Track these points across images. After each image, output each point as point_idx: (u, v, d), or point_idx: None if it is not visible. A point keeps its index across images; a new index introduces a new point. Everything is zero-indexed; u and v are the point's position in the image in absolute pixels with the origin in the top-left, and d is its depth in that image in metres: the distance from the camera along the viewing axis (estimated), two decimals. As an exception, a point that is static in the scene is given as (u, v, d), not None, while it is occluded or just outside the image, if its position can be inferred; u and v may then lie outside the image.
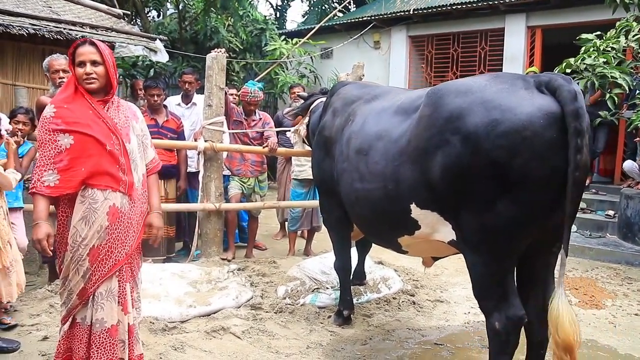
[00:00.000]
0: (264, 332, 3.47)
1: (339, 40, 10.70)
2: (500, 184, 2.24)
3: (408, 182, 2.62)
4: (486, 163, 2.24)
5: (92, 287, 2.47)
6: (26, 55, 6.10)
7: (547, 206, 2.27)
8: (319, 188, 3.94)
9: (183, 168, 5.15)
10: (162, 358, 3.05)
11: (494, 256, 2.40)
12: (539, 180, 2.20)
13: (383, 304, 4.06)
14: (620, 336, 3.73)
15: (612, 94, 5.49)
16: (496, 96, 2.29)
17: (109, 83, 2.56)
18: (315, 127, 4.05)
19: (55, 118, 2.44)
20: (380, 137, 2.88)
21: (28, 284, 3.70)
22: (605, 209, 7.03)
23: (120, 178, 2.51)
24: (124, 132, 2.57)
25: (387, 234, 3.06)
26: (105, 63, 2.51)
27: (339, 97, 3.70)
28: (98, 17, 6.96)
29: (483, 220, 2.33)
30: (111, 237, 2.50)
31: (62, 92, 2.59)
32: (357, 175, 3.02)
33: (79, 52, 2.50)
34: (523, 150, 2.18)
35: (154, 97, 4.87)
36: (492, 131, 2.22)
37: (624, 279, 5.16)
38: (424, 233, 2.73)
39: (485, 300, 2.48)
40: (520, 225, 2.30)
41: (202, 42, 9.98)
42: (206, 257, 4.92)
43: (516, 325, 2.39)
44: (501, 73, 2.59)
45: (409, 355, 3.30)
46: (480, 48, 9.39)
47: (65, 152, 2.42)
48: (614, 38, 5.51)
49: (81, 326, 2.50)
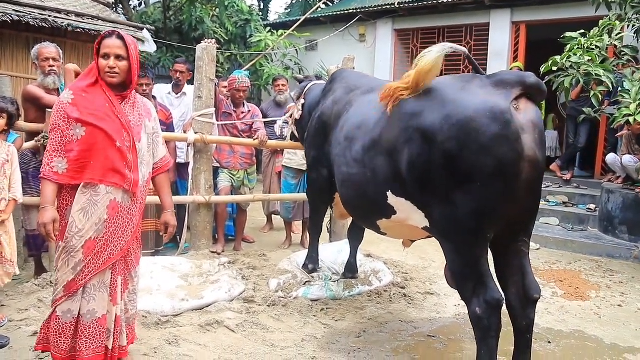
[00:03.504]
0: (258, 326, 3.47)
1: (324, 33, 10.65)
2: (455, 175, 2.41)
3: (383, 172, 2.82)
4: (441, 155, 2.43)
5: (82, 280, 2.46)
6: (9, 42, 5.95)
7: (501, 196, 2.39)
8: (310, 164, 4.12)
9: (171, 160, 5.08)
10: (157, 352, 3.03)
11: (463, 244, 2.53)
12: (487, 171, 2.33)
13: (375, 296, 4.09)
14: (605, 327, 3.83)
15: (596, 92, 5.59)
16: (451, 94, 2.50)
17: (129, 78, 2.54)
18: (311, 108, 4.23)
19: (72, 105, 2.44)
20: (360, 127, 3.13)
21: (14, 278, 3.63)
22: (587, 202, 7.19)
23: (126, 175, 2.50)
24: (136, 131, 2.56)
25: (368, 216, 3.28)
26: (130, 58, 2.51)
27: (340, 85, 3.85)
28: (83, 4, 6.81)
29: (446, 210, 2.50)
30: (108, 231, 2.49)
31: (82, 79, 2.58)
32: (344, 161, 3.25)
33: (105, 43, 2.49)
34: (470, 143, 2.34)
35: (143, 87, 4.78)
36: (444, 125, 2.43)
37: (606, 271, 5.30)
38: (400, 218, 2.92)
39: (463, 287, 2.59)
40: (480, 215, 2.42)
41: (187, 33, 9.83)
42: (196, 250, 4.89)
43: (495, 307, 2.48)
44: (463, 74, 2.78)
45: (403, 347, 3.34)
46: (465, 43, 9.44)
47: (76, 143, 2.42)
48: (598, 36, 5.61)
49: (61, 320, 2.47)
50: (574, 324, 3.85)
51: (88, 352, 2.50)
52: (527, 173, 2.37)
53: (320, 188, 4.00)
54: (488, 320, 2.47)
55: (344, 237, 4.88)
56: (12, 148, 3.37)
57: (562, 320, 3.93)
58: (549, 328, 3.76)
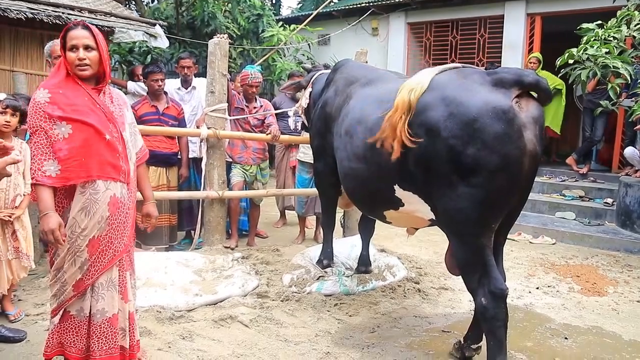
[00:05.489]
0: (271, 321, 3.47)
1: (337, 27, 10.59)
2: (459, 170, 2.47)
3: (389, 167, 2.83)
4: (445, 151, 2.49)
5: (89, 279, 2.43)
6: (24, 40, 6.00)
7: (506, 189, 2.48)
8: (316, 155, 4.14)
9: (184, 155, 5.11)
10: (171, 347, 3.04)
11: (468, 236, 2.59)
12: (492, 167, 2.41)
13: (389, 291, 4.07)
14: (624, 323, 3.77)
15: (614, 84, 5.49)
16: (454, 92, 2.54)
17: (102, 70, 2.45)
18: (317, 98, 4.25)
19: (51, 104, 2.32)
20: (360, 121, 3.15)
21: (30, 273, 3.67)
22: (604, 197, 7.07)
23: (120, 167, 2.46)
24: (120, 121, 2.51)
25: (375, 207, 3.35)
26: (99, 48, 2.40)
27: (342, 75, 3.89)
28: (97, 1, 6.84)
29: (450, 203, 2.55)
30: (111, 228, 2.45)
31: (52, 76, 2.46)
32: (345, 155, 3.29)
33: (71, 35, 2.37)
34: (476, 140, 2.41)
35: (158, 82, 4.80)
36: (449, 123, 2.48)
37: (623, 266, 5.21)
38: (408, 209, 2.99)
39: (469, 279, 2.63)
40: (486, 207, 2.49)
41: (199, 28, 9.83)
42: (209, 245, 4.90)
43: (500, 298, 2.52)
44: (464, 68, 2.77)
45: (417, 342, 3.32)
46: (479, 35, 9.33)
47: (63, 142, 2.31)
48: (615, 27, 5.49)
49: (76, 318, 2.46)
50: (592, 320, 3.80)
51: (101, 352, 2.46)
52: (527, 166, 2.47)
53: (327, 178, 4.00)
54: (493, 310, 2.52)
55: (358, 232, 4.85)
56: (25, 145, 3.39)
57: (579, 316, 3.88)
58: (565, 324, 3.71)
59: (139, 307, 3.23)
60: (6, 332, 3.10)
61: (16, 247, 3.32)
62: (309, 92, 4.47)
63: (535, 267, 5.07)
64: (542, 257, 5.47)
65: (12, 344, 3.04)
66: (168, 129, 4.82)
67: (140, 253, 4.06)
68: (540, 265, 5.16)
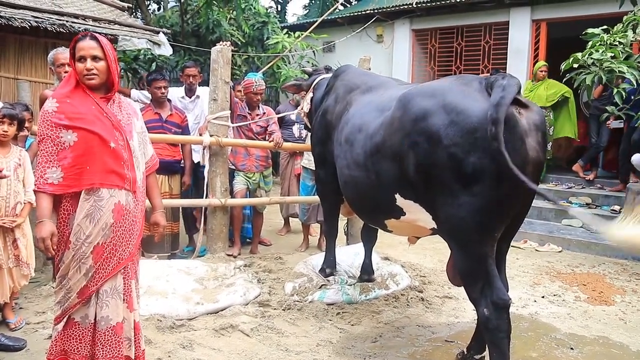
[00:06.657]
0: (272, 330, 3.44)
1: (342, 34, 10.60)
2: (461, 179, 2.43)
3: (389, 176, 2.84)
4: (447, 159, 2.44)
5: (94, 286, 2.43)
6: (29, 48, 6.04)
7: (508, 197, 2.43)
8: (317, 162, 4.14)
9: (187, 163, 5.10)
10: (171, 356, 3.02)
11: (470, 245, 2.54)
12: (491, 175, 2.37)
13: (392, 300, 4.03)
14: (631, 333, 3.70)
15: (620, 89, 5.44)
16: (454, 99, 2.49)
17: (110, 79, 2.50)
18: (318, 104, 4.23)
19: (58, 113, 2.38)
20: (360, 130, 3.14)
21: (32, 280, 3.66)
22: (611, 204, 6.99)
23: (125, 175, 2.47)
24: (127, 129, 2.53)
25: (375, 216, 3.32)
26: (107, 58, 2.46)
27: (342, 82, 3.88)
28: (100, 9, 6.89)
29: (452, 212, 2.51)
30: (116, 235, 2.46)
31: (62, 86, 2.53)
32: (345, 163, 3.28)
33: (79, 46, 2.44)
34: (476, 149, 2.36)
35: (161, 90, 4.81)
36: (450, 131, 2.44)
37: (631, 274, 5.14)
38: (409, 218, 2.96)
39: (471, 289, 2.59)
40: (489, 216, 2.45)
41: (204, 36, 9.88)
42: (212, 253, 4.88)
43: (502, 308, 2.48)
44: (463, 75, 2.76)
45: (420, 352, 3.27)
46: (484, 42, 9.31)
47: (69, 149, 2.36)
48: (621, 32, 5.46)
49: (81, 325, 2.45)
50: (598, 330, 3.74)
51: None
52: (530, 173, 2.42)
53: (328, 185, 3.97)
54: (496, 321, 2.48)
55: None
56: (24, 152, 3.40)
57: (586, 325, 3.82)
58: (571, 333, 3.65)
59: (140, 315, 3.21)
60: (6, 340, 3.09)
61: (16, 255, 3.32)
62: (310, 97, 4.46)
63: (541, 276, 5.01)
64: (547, 265, 5.41)
65: (11, 353, 3.03)
66: (171, 137, 4.82)
67: (142, 261, 4.04)
68: (546, 273, 5.10)
